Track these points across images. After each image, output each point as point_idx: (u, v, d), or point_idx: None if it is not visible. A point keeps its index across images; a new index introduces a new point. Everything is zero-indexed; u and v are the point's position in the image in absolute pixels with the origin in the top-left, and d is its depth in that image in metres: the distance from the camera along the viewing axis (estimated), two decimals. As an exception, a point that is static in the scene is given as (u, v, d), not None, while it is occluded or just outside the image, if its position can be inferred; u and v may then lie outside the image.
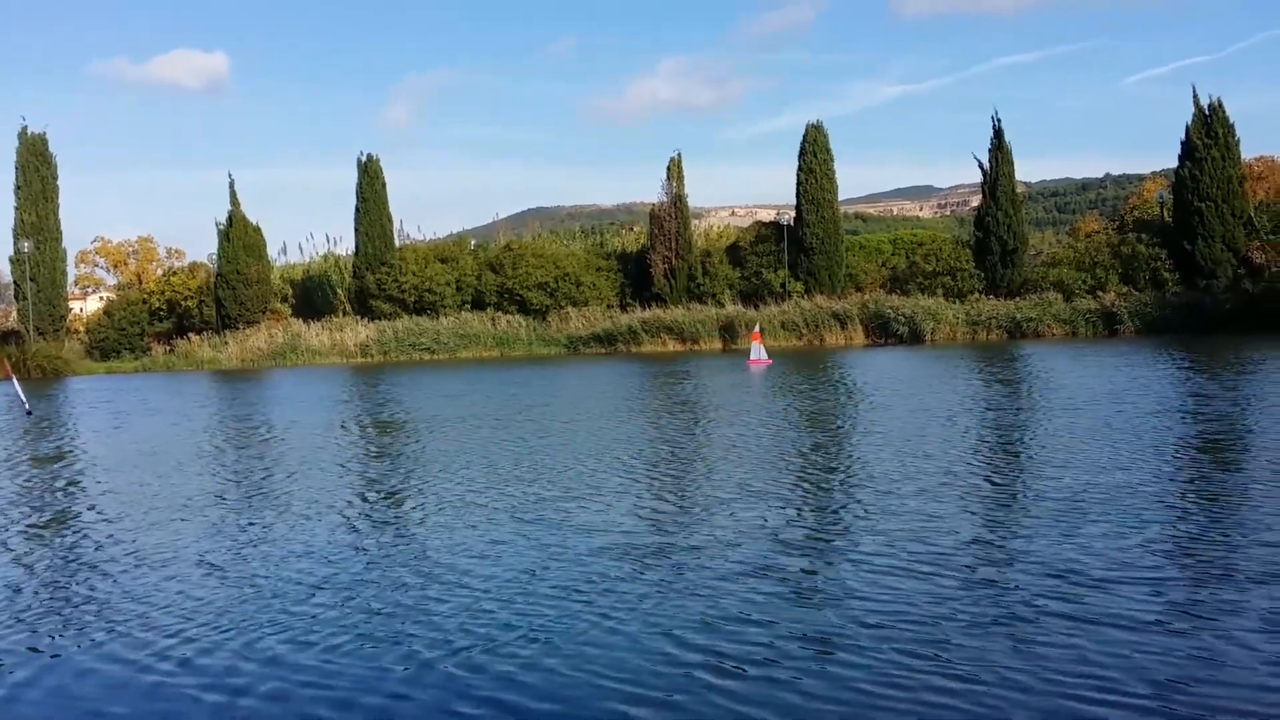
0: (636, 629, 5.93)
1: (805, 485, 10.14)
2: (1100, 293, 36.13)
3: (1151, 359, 23.20)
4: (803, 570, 6.99)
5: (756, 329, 33.12)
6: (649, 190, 57.96)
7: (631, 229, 53.32)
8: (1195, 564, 6.74)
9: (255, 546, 8.58)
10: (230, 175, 47.89)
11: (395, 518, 9.60)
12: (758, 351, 28.91)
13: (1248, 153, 37.72)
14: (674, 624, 5.96)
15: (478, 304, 44.71)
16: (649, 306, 41.96)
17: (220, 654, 5.90)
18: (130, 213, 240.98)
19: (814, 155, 41.63)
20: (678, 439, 13.99)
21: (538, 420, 17.11)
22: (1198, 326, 32.65)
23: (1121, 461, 10.44)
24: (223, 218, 47.21)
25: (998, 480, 9.95)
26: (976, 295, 38.12)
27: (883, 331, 37.71)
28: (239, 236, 46.77)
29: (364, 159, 45.94)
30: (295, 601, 6.85)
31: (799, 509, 9.03)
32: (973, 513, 8.52)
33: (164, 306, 49.46)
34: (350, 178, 45.98)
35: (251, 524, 9.51)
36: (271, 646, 5.96)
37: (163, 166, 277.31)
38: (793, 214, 42.73)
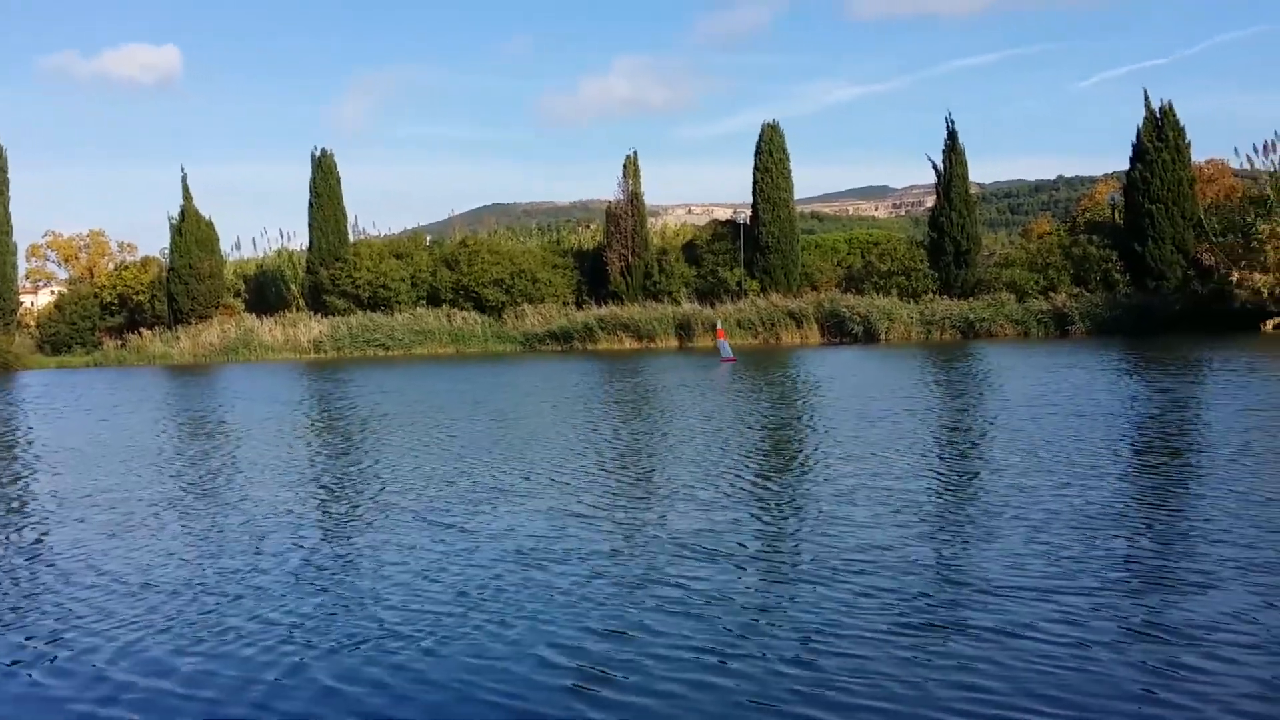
0: (521, 635, 5.79)
1: (734, 490, 9.99)
2: (1052, 293, 36.36)
3: (1098, 360, 23.33)
4: (708, 578, 6.82)
5: (719, 326, 32.99)
6: (605, 188, 57.98)
7: (588, 227, 53.16)
8: (1131, 572, 6.66)
9: (148, 545, 8.36)
10: (183, 169, 47.34)
11: (301, 517, 9.37)
12: (725, 349, 28.77)
13: (1198, 155, 38.10)
14: (562, 632, 5.82)
15: (433, 300, 44.39)
16: (605, 304, 41.82)
17: (96, 657, 5.73)
18: (82, 207, 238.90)
19: (770, 155, 41.64)
20: (615, 438, 13.85)
21: (478, 418, 16.90)
22: (1148, 328, 32.93)
23: (1060, 463, 10.41)
24: (175, 212, 46.80)
25: (922, 483, 9.87)
26: (931, 295, 38.26)
27: (838, 330, 37.77)
28: (191, 231, 46.24)
29: (318, 154, 45.51)
30: (186, 603, 6.68)
31: (720, 514, 8.88)
32: (899, 521, 8.42)
33: (116, 301, 48.83)
34: (304, 173, 45.58)
35: (147, 523, 9.27)
36: (149, 648, 5.80)
37: (115, 161, 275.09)
38: (749, 213, 42.74)
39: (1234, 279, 32.12)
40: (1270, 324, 31.31)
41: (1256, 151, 35.27)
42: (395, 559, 7.63)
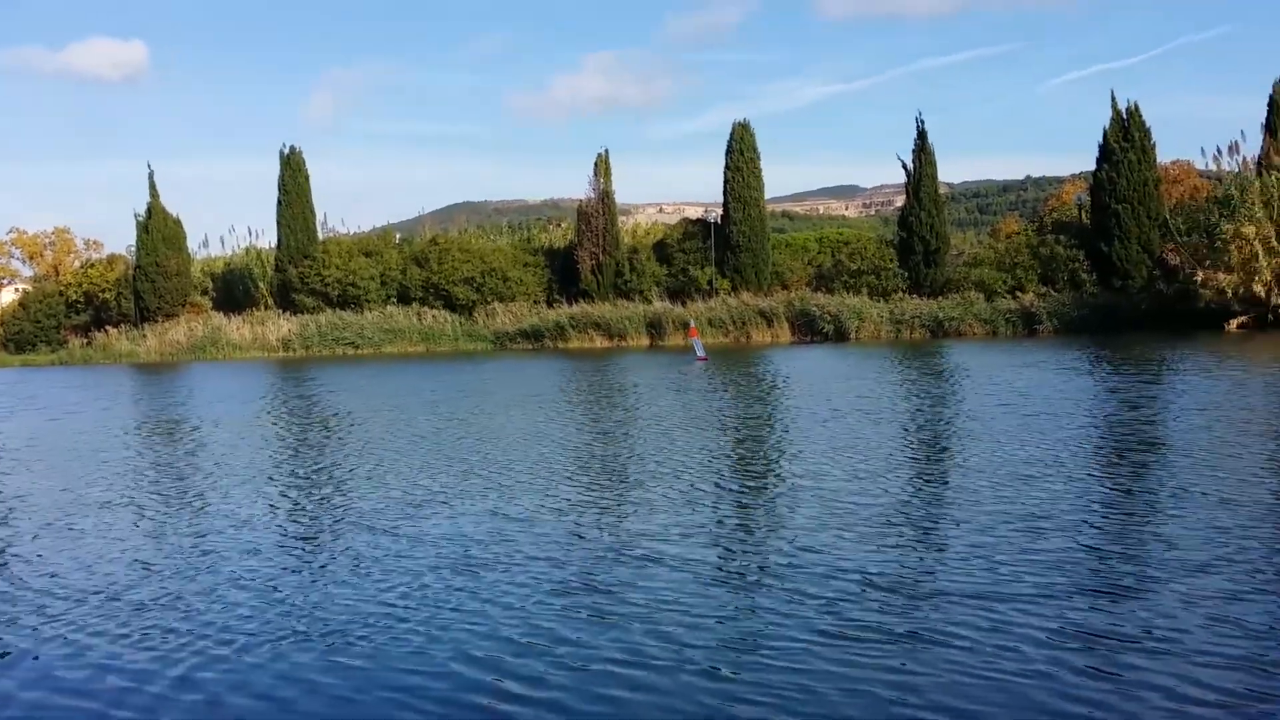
0: (428, 643, 5.69)
1: (673, 492, 9.88)
2: (1020, 293, 36.56)
3: (1060, 359, 23.41)
4: (629, 584, 6.70)
5: (692, 325, 32.85)
6: (576, 186, 57.71)
7: (559, 225, 53.05)
8: (1070, 576, 6.60)
9: (69, 549, 8.22)
10: (150, 166, 46.94)
11: (231, 517, 9.20)
12: (699, 348, 28.67)
13: (1164, 156, 38.38)
14: (473, 641, 5.72)
15: (403, 298, 44.18)
16: (576, 302, 41.73)
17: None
18: (47, 203, 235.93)
19: (741, 154, 41.66)
20: (570, 439, 13.75)
21: (436, 419, 16.77)
22: (1114, 327, 33.13)
23: (1011, 465, 10.40)
24: (142, 209, 46.37)
25: (866, 485, 9.82)
26: (900, 294, 38.40)
27: (809, 329, 37.84)
28: (158, 228, 45.84)
29: (286, 151, 45.17)
30: (101, 601, 6.64)
31: (650, 516, 8.78)
32: (841, 524, 8.36)
33: (81, 299, 48.39)
34: (272, 170, 45.21)
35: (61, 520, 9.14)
36: (85, 652, 5.77)
37: (81, 157, 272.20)
38: (720, 211, 42.75)
39: (1199, 279, 32.37)
40: (1234, 323, 31.55)
41: (1221, 152, 35.62)
42: (328, 561, 7.54)
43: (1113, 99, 36.81)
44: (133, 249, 47.07)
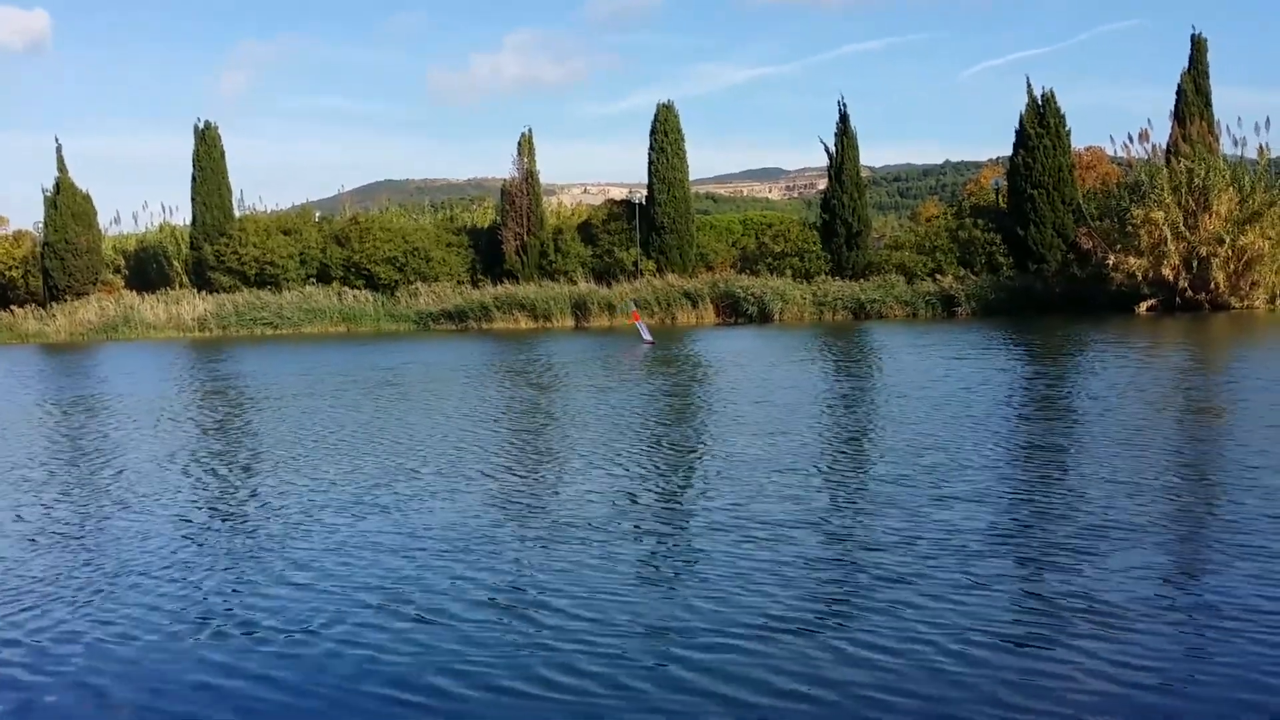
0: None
1: (560, 485, 9.94)
2: (939, 276, 37.20)
3: (971, 341, 23.97)
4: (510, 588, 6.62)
5: (634, 309, 32.56)
6: (500, 166, 57.22)
7: (483, 204, 52.55)
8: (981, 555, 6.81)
9: None
10: (57, 140, 45.47)
11: (105, 505, 9.08)
12: (644, 331, 28.37)
13: (1078, 143, 39.35)
14: (371, 635, 5.71)
15: (323, 278, 43.43)
16: (501, 283, 41.42)
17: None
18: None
19: (665, 135, 41.66)
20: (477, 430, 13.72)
21: (350, 401, 16.59)
22: (1030, 309, 33.97)
23: (939, 441, 10.64)
24: (49, 184, 44.78)
25: (789, 477, 9.98)
26: (823, 276, 38.83)
27: (733, 311, 38.08)
28: (67, 204, 44.43)
29: (201, 126, 44.02)
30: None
31: (527, 518, 8.83)
32: (761, 514, 8.49)
33: (-15, 277, 46.64)
34: (187, 145, 44.04)
35: None
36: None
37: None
38: (644, 193, 42.74)
39: (1110, 262, 33.32)
40: (1144, 306, 32.57)
41: (1132, 140, 36.57)
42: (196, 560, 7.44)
43: (1029, 86, 37.62)
44: (40, 225, 45.60)
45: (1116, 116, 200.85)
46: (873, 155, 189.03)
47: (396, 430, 12.80)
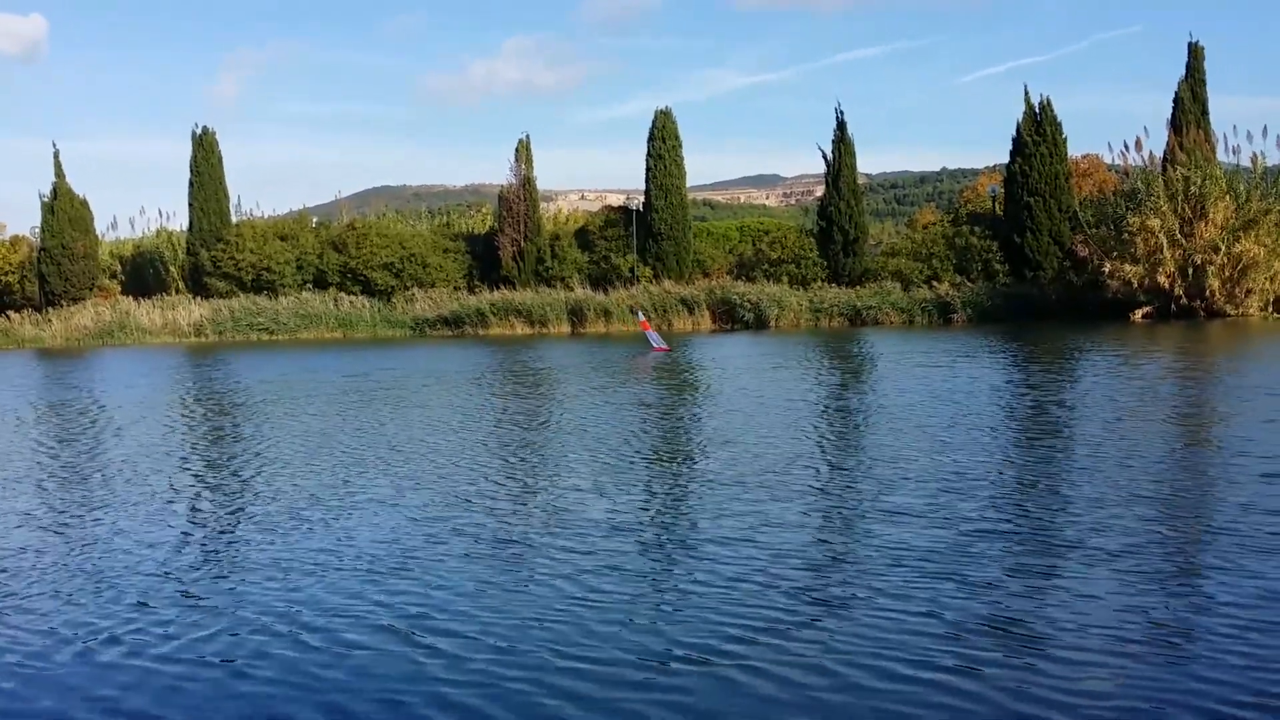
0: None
1: (525, 495, 9.83)
2: (935, 283, 37.25)
3: (966, 347, 23.96)
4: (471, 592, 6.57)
5: (642, 317, 32.38)
6: (497, 172, 57.12)
7: (480, 211, 52.59)
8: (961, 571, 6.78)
9: None
10: (55, 145, 45.61)
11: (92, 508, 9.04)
12: (656, 339, 28.17)
13: (1074, 150, 39.44)
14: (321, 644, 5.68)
15: (319, 284, 43.42)
16: (497, 289, 41.44)
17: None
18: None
19: (663, 141, 41.74)
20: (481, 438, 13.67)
21: (339, 410, 16.55)
22: (1026, 316, 34.05)
23: (932, 446, 10.62)
24: (47, 189, 44.72)
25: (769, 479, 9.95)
26: (820, 283, 38.88)
27: (729, 317, 38.12)
28: (64, 209, 44.42)
29: (198, 131, 44.04)
30: None
31: (495, 524, 8.79)
32: (739, 523, 8.46)
33: (-19, 282, 46.61)
34: (184, 151, 44.10)
35: None
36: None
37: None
38: (642, 199, 42.78)
39: (1106, 270, 33.38)
40: (1139, 313, 32.64)
41: (1128, 148, 36.69)
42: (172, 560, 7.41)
43: (1026, 94, 37.73)
44: (37, 230, 45.64)
45: (1114, 123, 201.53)
46: (870, 162, 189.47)
47: (349, 440, 12.67)
